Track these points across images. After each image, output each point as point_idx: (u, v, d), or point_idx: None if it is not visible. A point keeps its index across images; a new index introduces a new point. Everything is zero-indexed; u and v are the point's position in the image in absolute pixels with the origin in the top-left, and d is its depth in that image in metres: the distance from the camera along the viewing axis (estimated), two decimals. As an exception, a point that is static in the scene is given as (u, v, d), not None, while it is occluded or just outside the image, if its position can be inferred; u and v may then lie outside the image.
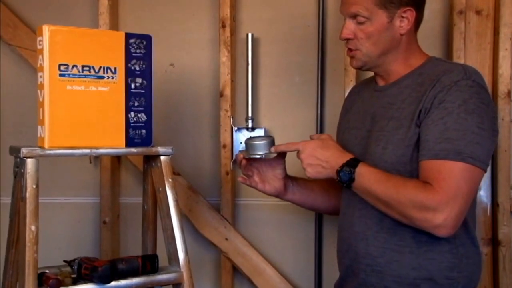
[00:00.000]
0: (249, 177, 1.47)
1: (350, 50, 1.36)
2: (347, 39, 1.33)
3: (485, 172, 1.23)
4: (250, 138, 1.42)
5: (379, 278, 1.30)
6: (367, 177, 1.25)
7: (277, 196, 1.50)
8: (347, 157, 1.28)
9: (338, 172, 1.27)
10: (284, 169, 1.47)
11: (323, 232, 2.00)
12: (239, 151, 1.44)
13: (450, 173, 1.18)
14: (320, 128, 1.99)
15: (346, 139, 1.43)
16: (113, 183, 2.04)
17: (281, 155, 1.43)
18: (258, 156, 1.39)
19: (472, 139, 1.20)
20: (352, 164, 1.26)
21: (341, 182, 1.28)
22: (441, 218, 1.17)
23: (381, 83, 1.41)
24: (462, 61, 1.79)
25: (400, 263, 1.29)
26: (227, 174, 1.99)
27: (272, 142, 1.40)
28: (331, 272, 1.89)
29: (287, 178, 1.49)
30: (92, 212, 2.09)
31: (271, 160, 1.43)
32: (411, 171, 1.26)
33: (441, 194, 1.17)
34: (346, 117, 1.51)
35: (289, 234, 2.04)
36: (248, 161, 1.43)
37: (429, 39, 1.84)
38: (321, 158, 1.29)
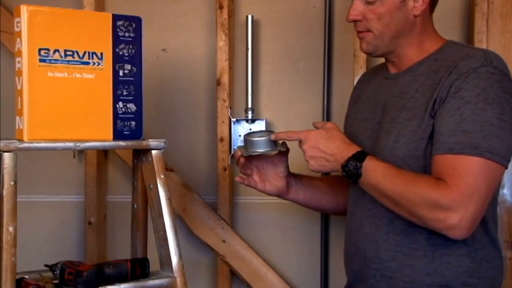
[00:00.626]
0: (247, 176, 1.48)
1: (360, 32, 1.35)
2: (355, 21, 1.33)
3: (506, 168, 1.22)
4: (249, 134, 1.42)
5: (390, 284, 1.30)
6: (374, 172, 1.25)
7: (278, 196, 1.51)
8: (353, 149, 1.28)
9: (343, 166, 1.27)
10: (287, 166, 1.47)
11: (329, 233, 2.01)
12: (238, 147, 1.45)
13: (466, 169, 1.17)
14: (327, 120, 1.99)
15: (354, 131, 1.43)
16: (99, 180, 2.05)
17: (284, 152, 1.43)
18: (258, 154, 1.39)
19: (490, 131, 1.19)
20: (358, 157, 1.26)
21: (347, 178, 1.28)
22: (455, 218, 1.17)
23: (392, 70, 1.40)
24: (484, 46, 1.78)
25: (413, 267, 1.28)
26: (225, 170, 1.99)
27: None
28: (338, 277, 1.91)
29: (290, 176, 1.50)
30: (76, 212, 2.09)
31: (272, 157, 1.44)
32: (425, 167, 1.26)
33: (456, 192, 1.17)
34: (354, 108, 1.51)
35: (292, 236, 2.05)
36: (246, 159, 1.44)
37: (447, 21, 1.86)
38: (325, 150, 1.29)
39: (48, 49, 1.31)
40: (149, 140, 1.44)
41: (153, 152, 1.44)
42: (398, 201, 1.23)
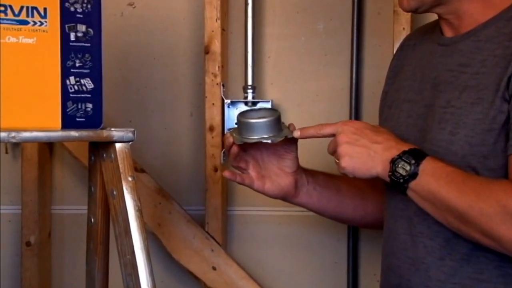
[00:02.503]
0: (241, 171, 1.51)
1: None
2: None
3: None
4: (244, 113, 1.44)
5: (445, 330, 1.31)
6: (436, 175, 1.25)
7: (283, 198, 1.53)
8: (406, 145, 1.30)
9: (393, 161, 1.28)
10: (296, 158, 1.49)
11: (359, 256, 2.03)
12: (229, 130, 1.48)
13: None
14: (356, 102, 2.00)
15: (394, 116, 1.45)
16: (41, 184, 2.06)
17: (292, 139, 1.45)
18: (256, 141, 1.40)
19: None
20: (416, 154, 1.28)
21: (394, 181, 1.29)
22: None
23: (448, 33, 1.40)
24: None
25: (478, 306, 1.29)
26: (216, 170, 2.00)
27: (277, 120, 1.41)
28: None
29: (300, 172, 1.52)
30: (9, 228, 2.11)
31: (276, 146, 1.45)
32: (494, 169, 1.26)
33: None
34: (394, 85, 1.51)
35: (307, 260, 2.07)
36: (240, 148, 1.46)
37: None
38: (368, 143, 1.31)
39: (-33, 3, 1.26)
40: (112, 129, 1.40)
41: (118, 146, 1.41)
42: (466, 216, 1.22)
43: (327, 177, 1.57)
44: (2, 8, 1.31)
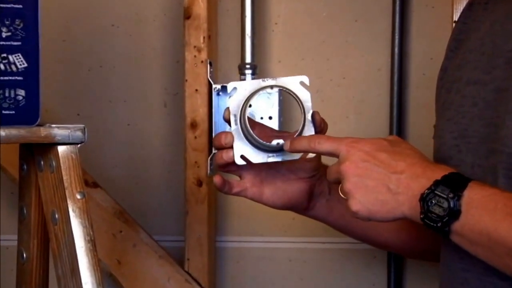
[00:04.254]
0: (235, 174, 1.55)
1: None
2: None
3: None
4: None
5: None
6: (487, 208, 1.24)
7: (291, 209, 1.57)
8: (441, 170, 1.30)
9: (424, 198, 1.28)
10: (316, 159, 1.52)
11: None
12: (219, 134, 1.52)
13: None
14: (399, 87, 2.02)
15: (454, 105, 1.46)
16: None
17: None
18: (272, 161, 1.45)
19: None
20: (453, 181, 1.27)
21: (430, 222, 1.28)
22: None
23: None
24: None
25: None
26: (200, 184, 2.00)
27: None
28: None
29: (321, 176, 1.55)
30: None
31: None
32: None
33: None
34: (456, 59, 1.52)
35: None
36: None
37: None
38: (386, 173, 1.32)
39: None
40: (53, 125, 1.39)
41: (61, 149, 1.41)
42: None
43: None
44: None
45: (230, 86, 1.50)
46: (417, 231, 1.57)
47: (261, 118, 1.64)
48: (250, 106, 1.49)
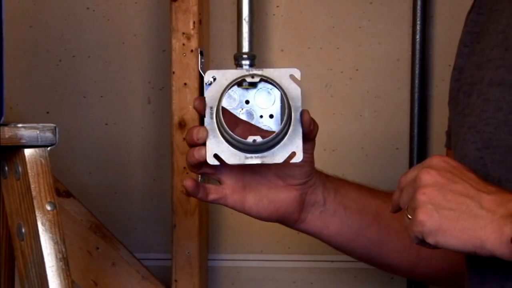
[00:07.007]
0: (212, 178, 1.51)
1: None
2: None
3: None
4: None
5: None
6: None
7: (279, 221, 1.55)
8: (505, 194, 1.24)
9: None
10: (310, 163, 1.49)
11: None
12: (191, 128, 1.46)
13: None
14: (421, 80, 1.99)
15: (475, 111, 1.41)
16: None
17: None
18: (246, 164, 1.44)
19: None
20: None
21: None
22: None
23: None
24: None
25: None
26: (188, 194, 1.84)
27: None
28: None
29: (315, 183, 1.53)
30: None
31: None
32: None
33: None
34: (473, 56, 1.48)
35: None
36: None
37: None
38: (472, 190, 1.24)
39: None
40: (19, 125, 1.31)
41: (28, 153, 1.32)
42: None
43: (362, 193, 1.56)
44: None
45: (208, 74, 1.47)
46: (429, 251, 1.48)
47: (261, 116, 1.58)
48: (247, 103, 1.51)
